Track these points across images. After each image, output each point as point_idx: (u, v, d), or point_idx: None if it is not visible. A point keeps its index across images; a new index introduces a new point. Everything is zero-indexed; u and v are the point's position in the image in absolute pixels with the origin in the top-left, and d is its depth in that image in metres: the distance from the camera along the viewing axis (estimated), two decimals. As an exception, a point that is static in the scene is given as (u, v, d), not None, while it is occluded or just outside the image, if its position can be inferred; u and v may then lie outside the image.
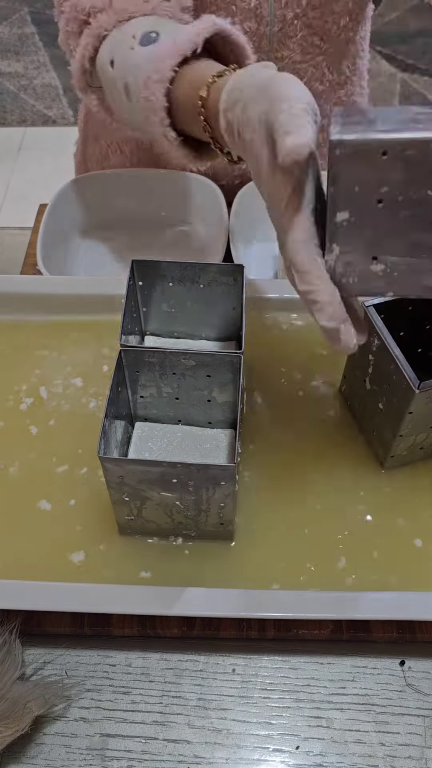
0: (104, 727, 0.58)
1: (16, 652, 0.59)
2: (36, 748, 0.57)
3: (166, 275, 0.68)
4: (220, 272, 0.68)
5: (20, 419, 0.72)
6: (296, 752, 0.57)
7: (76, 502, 0.66)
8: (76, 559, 0.63)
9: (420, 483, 0.67)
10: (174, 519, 0.61)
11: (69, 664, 0.61)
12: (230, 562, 0.62)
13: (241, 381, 0.62)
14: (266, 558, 0.63)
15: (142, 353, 0.63)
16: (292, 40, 0.82)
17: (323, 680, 0.60)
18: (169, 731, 0.58)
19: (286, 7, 0.78)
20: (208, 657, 0.62)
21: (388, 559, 0.63)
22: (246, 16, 0.78)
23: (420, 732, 0.58)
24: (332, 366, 0.74)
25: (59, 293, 0.79)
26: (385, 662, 0.61)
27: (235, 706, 0.59)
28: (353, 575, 0.62)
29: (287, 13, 0.79)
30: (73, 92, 2.93)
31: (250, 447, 0.69)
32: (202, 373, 0.64)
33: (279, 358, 0.76)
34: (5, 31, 2.95)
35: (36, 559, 0.63)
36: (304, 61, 0.84)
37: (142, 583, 0.61)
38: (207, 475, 0.55)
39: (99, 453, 0.55)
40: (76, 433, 0.70)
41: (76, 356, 0.77)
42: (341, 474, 0.68)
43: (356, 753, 0.57)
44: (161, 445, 0.68)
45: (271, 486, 0.67)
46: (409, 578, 0.61)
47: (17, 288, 0.80)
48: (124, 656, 0.62)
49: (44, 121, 2.64)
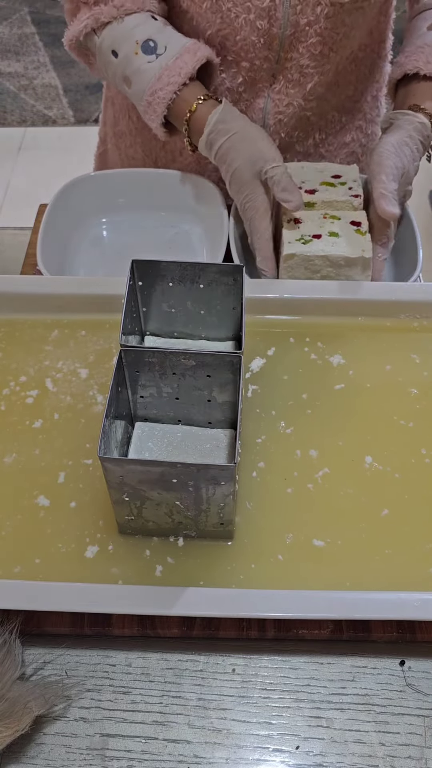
0: (104, 727, 0.58)
1: (16, 652, 0.59)
2: (36, 748, 0.57)
3: (166, 275, 0.68)
4: (220, 272, 0.68)
5: (21, 415, 0.72)
6: (296, 752, 0.57)
7: (77, 502, 0.66)
8: (76, 559, 0.63)
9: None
10: (174, 519, 0.61)
11: (69, 664, 0.61)
12: (230, 562, 0.63)
13: (241, 381, 0.62)
14: (266, 558, 0.63)
15: (142, 353, 0.63)
16: (302, 45, 0.83)
17: (323, 680, 0.60)
18: (169, 731, 0.58)
19: (301, 14, 0.79)
20: (208, 657, 0.62)
21: (391, 560, 0.63)
22: (259, 14, 0.79)
23: (420, 732, 0.58)
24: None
25: (59, 293, 0.79)
26: (385, 662, 0.61)
27: (235, 706, 0.59)
28: (354, 575, 0.62)
29: (301, 19, 0.80)
30: (73, 92, 2.94)
31: (257, 441, 0.69)
32: (202, 373, 0.64)
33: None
34: (5, 31, 2.96)
35: (34, 557, 0.63)
36: (311, 66, 0.85)
37: (142, 582, 0.61)
38: (207, 475, 0.55)
39: (99, 453, 0.55)
40: (77, 433, 0.70)
41: (75, 356, 0.77)
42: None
43: (356, 753, 0.57)
44: (161, 445, 0.68)
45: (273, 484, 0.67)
46: (412, 581, 0.62)
47: (17, 288, 0.80)
48: (124, 656, 0.62)
49: (44, 121, 2.64)
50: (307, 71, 0.85)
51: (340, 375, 0.75)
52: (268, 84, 0.87)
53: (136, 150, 1.01)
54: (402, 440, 0.70)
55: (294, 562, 0.63)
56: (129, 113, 0.99)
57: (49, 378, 0.75)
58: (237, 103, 0.88)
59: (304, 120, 0.92)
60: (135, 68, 0.83)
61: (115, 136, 1.04)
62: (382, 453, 0.69)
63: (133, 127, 0.99)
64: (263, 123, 0.90)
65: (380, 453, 0.69)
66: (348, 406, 0.73)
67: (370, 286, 0.79)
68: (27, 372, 0.75)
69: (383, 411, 0.72)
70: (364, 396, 0.74)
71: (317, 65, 0.85)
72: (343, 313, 0.79)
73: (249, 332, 0.73)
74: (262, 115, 0.90)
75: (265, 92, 0.88)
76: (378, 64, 0.95)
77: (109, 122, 1.05)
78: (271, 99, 0.88)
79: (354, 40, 0.86)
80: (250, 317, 0.73)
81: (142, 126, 0.97)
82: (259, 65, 0.85)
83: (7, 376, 0.75)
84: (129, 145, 1.02)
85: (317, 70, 0.86)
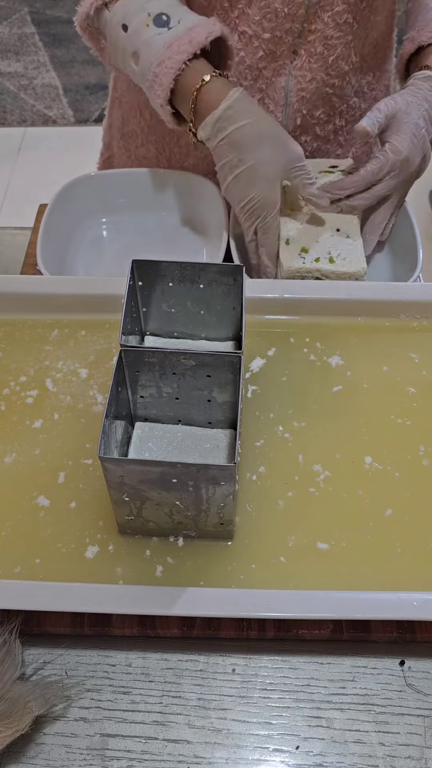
0: (104, 727, 0.58)
1: (16, 652, 0.59)
2: (36, 748, 0.57)
3: (166, 275, 0.68)
4: (220, 272, 0.68)
5: (21, 415, 0.72)
6: (296, 752, 0.57)
7: (77, 502, 0.66)
8: (76, 559, 0.63)
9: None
10: (174, 519, 0.61)
11: (69, 664, 0.61)
12: (230, 562, 0.63)
13: (241, 381, 0.62)
14: (266, 558, 0.63)
15: (142, 353, 0.63)
16: (327, 14, 0.82)
17: (323, 680, 0.60)
18: (169, 731, 0.58)
19: None
20: (208, 657, 0.62)
21: (400, 559, 0.63)
22: None
23: (420, 732, 0.58)
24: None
25: (59, 293, 0.79)
26: (385, 662, 0.61)
27: (235, 706, 0.59)
28: (354, 575, 0.62)
29: None
30: (73, 92, 2.94)
31: (256, 445, 0.69)
32: (202, 373, 0.64)
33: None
34: (5, 31, 2.96)
35: (34, 557, 0.63)
36: (335, 37, 0.85)
37: (142, 582, 0.61)
38: (207, 475, 0.55)
39: (99, 453, 0.55)
40: (77, 433, 0.70)
41: (75, 356, 0.77)
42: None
43: (356, 753, 0.57)
44: (161, 445, 0.68)
45: (272, 485, 0.67)
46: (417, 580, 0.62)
47: (17, 288, 0.80)
48: (124, 656, 0.62)
49: (44, 121, 2.64)
50: (331, 42, 0.85)
51: (339, 376, 0.75)
52: (290, 60, 0.86)
53: (149, 149, 1.00)
54: (400, 439, 0.70)
55: (296, 564, 0.63)
56: (141, 111, 0.98)
57: (49, 378, 0.75)
58: (257, 81, 0.87)
59: (326, 99, 0.91)
60: (144, 40, 0.78)
61: (123, 138, 1.03)
62: (381, 452, 0.69)
63: (145, 125, 0.98)
64: (285, 102, 0.89)
65: (379, 453, 0.69)
66: (346, 407, 0.73)
67: (370, 286, 0.79)
68: (27, 372, 0.75)
69: (381, 411, 0.72)
70: (362, 396, 0.74)
71: (342, 35, 0.85)
72: (343, 313, 0.79)
73: (249, 332, 0.73)
74: (283, 94, 0.89)
75: (286, 69, 0.87)
76: (389, 55, 0.96)
77: (116, 124, 1.05)
78: (293, 76, 0.87)
79: (377, 13, 0.86)
80: (250, 317, 0.73)
81: (155, 123, 0.96)
82: (281, 37, 0.84)
83: (7, 376, 0.75)
84: (140, 144, 1.01)
85: (341, 41, 0.85)
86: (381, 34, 0.91)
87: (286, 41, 0.84)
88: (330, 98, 0.91)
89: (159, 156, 1.00)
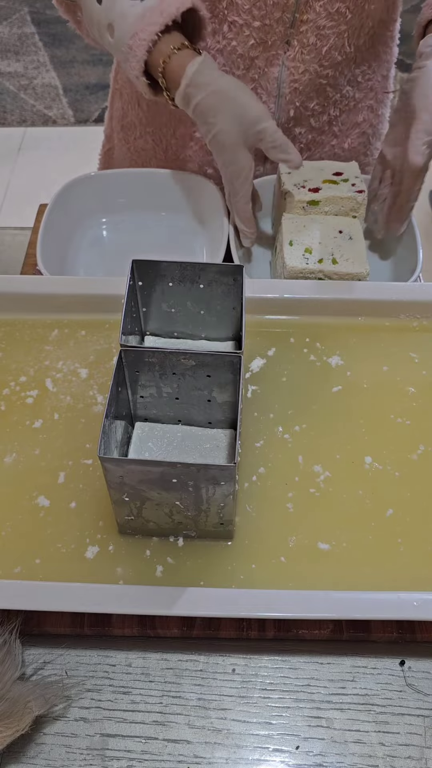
0: (104, 727, 0.58)
1: (16, 652, 0.59)
2: (36, 748, 0.57)
3: (166, 275, 0.68)
4: (220, 272, 0.68)
5: (21, 415, 0.72)
6: (296, 752, 0.57)
7: (77, 502, 0.66)
8: (76, 559, 0.63)
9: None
10: (174, 519, 0.61)
11: (69, 664, 0.61)
12: (230, 562, 0.63)
13: (241, 381, 0.62)
14: (266, 558, 0.63)
15: (142, 353, 0.63)
16: (319, 4, 0.82)
17: (323, 680, 0.60)
18: (169, 731, 0.58)
19: None
20: (208, 657, 0.62)
21: (401, 559, 0.63)
22: None
23: (420, 732, 0.58)
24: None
25: (59, 293, 0.79)
26: (385, 662, 0.61)
27: (235, 706, 0.59)
28: (354, 575, 0.62)
29: None
30: (73, 92, 2.93)
31: (256, 446, 0.69)
32: (202, 373, 0.64)
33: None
34: (5, 31, 2.95)
35: (34, 557, 0.63)
36: (327, 27, 0.84)
37: (142, 582, 0.61)
38: (207, 475, 0.55)
39: (99, 453, 0.55)
40: (77, 433, 0.70)
41: (75, 356, 0.77)
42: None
43: (356, 753, 0.57)
44: (161, 445, 0.68)
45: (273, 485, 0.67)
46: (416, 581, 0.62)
47: (17, 288, 0.80)
48: (124, 656, 0.62)
49: (44, 121, 2.64)
50: (324, 32, 0.85)
51: (339, 376, 0.75)
52: (283, 51, 0.86)
53: (146, 140, 1.00)
54: (400, 439, 0.70)
55: (296, 564, 0.63)
56: (139, 102, 0.98)
57: (49, 378, 0.75)
58: (249, 71, 0.87)
59: (320, 90, 0.91)
60: (118, 12, 0.78)
61: (122, 130, 1.03)
62: (381, 452, 0.69)
63: (143, 116, 0.98)
64: (278, 93, 0.89)
65: (379, 453, 0.69)
66: (346, 407, 0.73)
67: (370, 286, 0.79)
68: (27, 372, 0.75)
69: (380, 410, 0.72)
70: (362, 396, 0.74)
71: (334, 25, 0.84)
72: (343, 313, 0.79)
73: (249, 332, 0.73)
74: (276, 85, 0.88)
75: (279, 59, 0.86)
76: (389, 45, 0.95)
77: (116, 116, 1.05)
78: (286, 67, 0.87)
79: (372, 2, 0.85)
80: (250, 317, 0.73)
81: (152, 114, 0.96)
82: (271, 26, 0.83)
83: (7, 376, 0.75)
84: (138, 136, 1.01)
85: (333, 31, 0.85)
86: (378, 24, 0.90)
87: (278, 31, 0.84)
88: (324, 89, 0.91)
89: (156, 147, 1.00)
